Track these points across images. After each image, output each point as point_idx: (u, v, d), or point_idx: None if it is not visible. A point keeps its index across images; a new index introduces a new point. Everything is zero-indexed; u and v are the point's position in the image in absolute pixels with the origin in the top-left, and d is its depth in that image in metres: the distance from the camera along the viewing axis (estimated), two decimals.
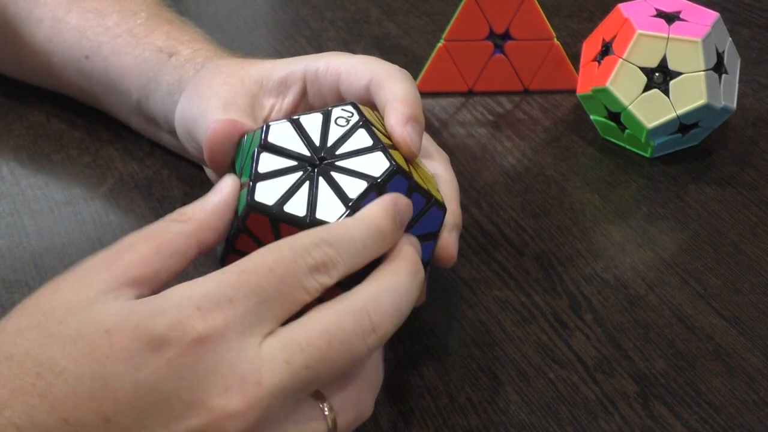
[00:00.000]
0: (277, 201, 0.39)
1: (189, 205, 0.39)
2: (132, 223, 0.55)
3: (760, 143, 0.64)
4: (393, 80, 0.45)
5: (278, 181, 0.39)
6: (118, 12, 0.58)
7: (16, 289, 0.50)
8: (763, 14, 0.80)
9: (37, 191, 0.57)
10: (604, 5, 0.79)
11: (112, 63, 0.57)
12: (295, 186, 0.39)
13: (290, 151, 0.40)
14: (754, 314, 0.49)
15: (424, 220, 0.41)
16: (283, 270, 0.35)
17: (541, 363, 0.46)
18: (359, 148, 0.40)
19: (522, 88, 0.69)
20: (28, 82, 0.65)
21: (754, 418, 0.43)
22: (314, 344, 0.35)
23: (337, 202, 0.39)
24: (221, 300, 0.34)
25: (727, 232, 0.55)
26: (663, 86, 0.58)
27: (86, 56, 0.58)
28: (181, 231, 0.38)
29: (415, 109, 0.44)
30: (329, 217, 0.38)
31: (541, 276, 0.52)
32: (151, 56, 0.55)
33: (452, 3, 0.76)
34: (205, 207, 0.39)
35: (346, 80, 0.47)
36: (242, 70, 0.51)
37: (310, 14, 0.80)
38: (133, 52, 0.56)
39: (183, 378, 0.33)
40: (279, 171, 0.40)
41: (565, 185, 0.59)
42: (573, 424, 0.43)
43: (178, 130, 0.52)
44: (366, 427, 0.43)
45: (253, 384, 0.34)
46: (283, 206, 0.39)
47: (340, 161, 0.40)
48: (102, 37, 0.58)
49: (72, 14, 0.59)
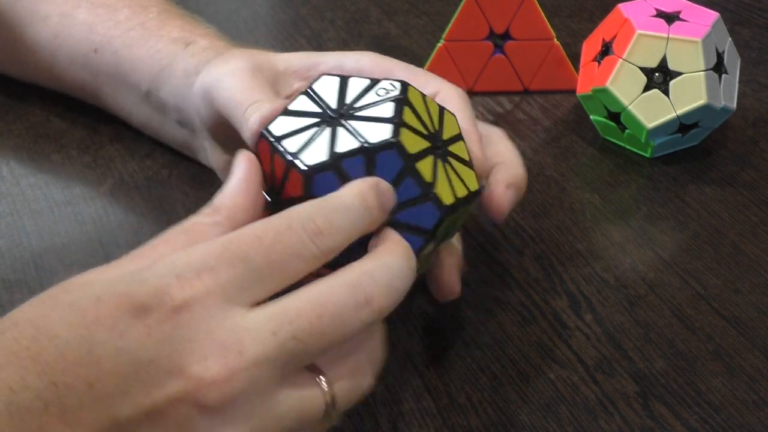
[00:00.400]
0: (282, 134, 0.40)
1: (216, 197, 0.39)
2: (132, 223, 0.55)
3: (760, 143, 0.64)
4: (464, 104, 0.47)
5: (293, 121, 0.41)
6: (129, 7, 0.59)
7: (16, 289, 0.50)
8: (763, 14, 0.80)
9: (37, 191, 0.57)
10: (604, 5, 0.79)
11: (122, 56, 0.57)
12: (303, 129, 0.40)
13: (322, 102, 0.41)
14: (754, 314, 0.49)
15: (412, 211, 0.40)
16: (273, 238, 0.35)
17: (541, 363, 0.46)
18: (376, 116, 0.40)
19: (522, 88, 0.69)
20: (28, 81, 0.65)
21: (754, 418, 0.44)
22: (304, 316, 0.34)
23: (325, 150, 0.39)
24: (202, 269, 0.34)
25: (727, 232, 0.55)
26: (663, 86, 0.58)
27: (95, 50, 0.58)
28: (213, 222, 0.38)
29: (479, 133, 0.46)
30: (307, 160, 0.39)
31: (541, 276, 0.52)
32: (165, 47, 0.56)
33: (452, 3, 0.76)
34: (230, 192, 0.39)
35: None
36: (269, 55, 0.51)
37: (310, 14, 0.80)
38: (146, 44, 0.56)
39: (162, 345, 0.33)
40: (300, 112, 0.41)
41: (565, 185, 0.59)
42: (573, 424, 0.43)
43: (194, 100, 0.52)
44: (366, 427, 0.43)
45: (234, 353, 0.33)
46: (282, 140, 0.40)
47: (351, 121, 0.40)
48: (113, 31, 0.58)
49: (80, 10, 0.59)
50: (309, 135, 0.40)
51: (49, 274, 0.51)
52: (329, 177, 0.39)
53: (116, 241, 0.53)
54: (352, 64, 0.49)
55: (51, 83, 0.63)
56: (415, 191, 0.40)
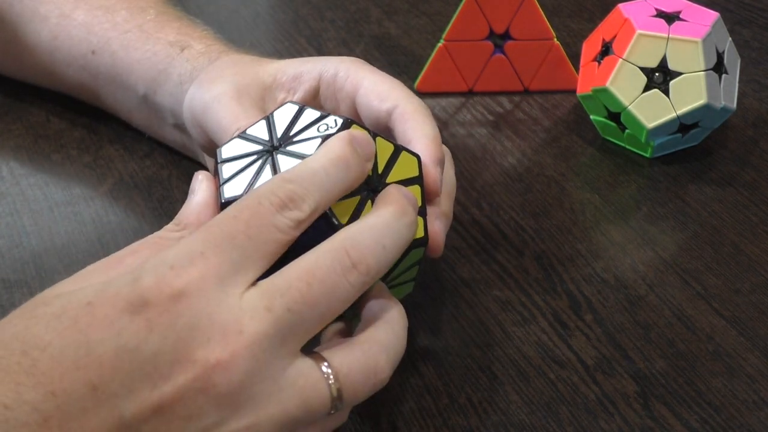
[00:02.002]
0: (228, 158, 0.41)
1: (180, 213, 0.41)
2: (132, 223, 0.55)
3: (760, 143, 0.64)
4: (422, 118, 0.46)
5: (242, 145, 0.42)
6: (127, 9, 0.59)
7: (16, 289, 0.50)
8: (763, 14, 0.80)
9: (37, 191, 0.57)
10: (604, 5, 0.79)
11: (120, 58, 0.57)
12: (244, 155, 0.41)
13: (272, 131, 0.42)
14: (754, 314, 0.49)
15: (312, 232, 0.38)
16: (248, 215, 0.35)
17: (541, 363, 0.46)
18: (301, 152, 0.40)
19: (522, 88, 0.69)
20: (27, 82, 0.65)
21: (754, 418, 0.44)
22: (294, 286, 0.35)
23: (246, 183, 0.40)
24: (193, 255, 0.34)
25: (727, 232, 0.55)
26: (663, 86, 0.58)
27: (93, 51, 0.58)
28: (180, 236, 0.39)
29: (441, 151, 0.45)
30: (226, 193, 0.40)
31: (541, 276, 0.52)
32: (162, 50, 0.56)
33: (452, 3, 0.76)
34: (194, 210, 0.40)
35: (366, 96, 0.48)
36: (258, 65, 0.52)
37: (310, 14, 0.80)
38: (143, 46, 0.57)
39: (164, 336, 0.33)
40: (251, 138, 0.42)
41: (565, 185, 0.59)
42: (573, 424, 0.43)
43: (186, 116, 0.53)
44: (366, 427, 0.43)
45: (234, 333, 0.34)
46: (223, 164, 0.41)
47: (280, 155, 0.40)
48: (110, 33, 0.58)
49: (79, 11, 0.59)
50: (244, 164, 0.41)
51: (49, 274, 0.51)
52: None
53: (116, 241, 0.53)
54: (330, 72, 0.50)
55: (51, 84, 0.63)
56: (325, 233, 0.37)
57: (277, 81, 0.51)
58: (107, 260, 0.38)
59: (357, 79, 0.49)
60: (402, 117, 0.46)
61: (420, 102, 0.47)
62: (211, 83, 0.51)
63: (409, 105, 0.47)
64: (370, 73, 0.49)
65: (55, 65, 0.61)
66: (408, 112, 0.46)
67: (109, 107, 0.61)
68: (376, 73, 0.49)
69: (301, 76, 0.50)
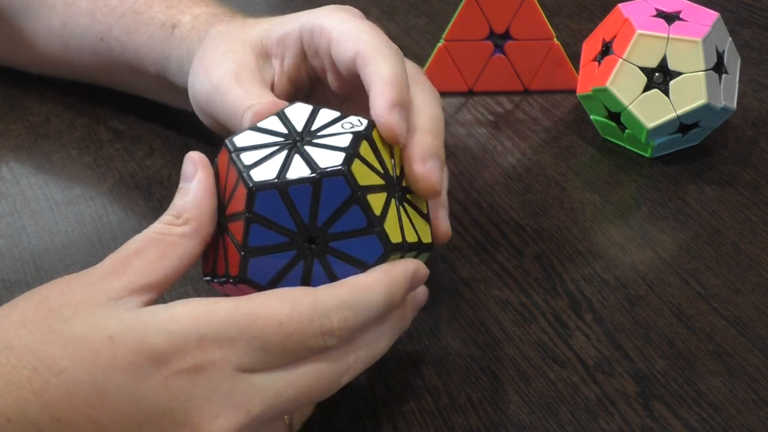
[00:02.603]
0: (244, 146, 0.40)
1: (179, 203, 0.39)
2: (132, 223, 0.55)
3: (760, 143, 0.64)
4: (380, 58, 0.43)
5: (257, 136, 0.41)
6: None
7: (16, 289, 0.50)
8: (763, 14, 0.80)
9: (37, 191, 0.57)
10: (604, 5, 0.79)
11: (124, 43, 0.57)
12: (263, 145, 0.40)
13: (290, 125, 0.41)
14: (754, 314, 0.49)
15: (354, 242, 0.39)
16: (294, 328, 0.36)
17: (541, 363, 0.46)
18: (333, 144, 0.40)
19: (522, 88, 0.69)
20: (43, 73, 0.64)
21: (754, 418, 0.43)
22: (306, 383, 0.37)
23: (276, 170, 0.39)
24: (224, 338, 0.35)
25: (727, 232, 0.55)
26: (663, 86, 0.58)
27: (101, 38, 0.58)
28: (183, 233, 0.38)
29: (402, 93, 0.42)
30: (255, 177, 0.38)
31: (541, 276, 0.52)
32: (156, 32, 0.55)
33: (452, 3, 0.76)
34: (196, 201, 0.39)
35: (336, 48, 0.45)
36: (243, 33, 0.50)
37: None
38: (139, 29, 0.56)
39: (178, 399, 0.34)
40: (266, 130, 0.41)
41: (565, 185, 0.59)
42: (573, 424, 0.43)
43: (194, 106, 0.52)
44: (366, 426, 0.43)
45: (243, 412, 0.35)
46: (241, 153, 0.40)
47: (308, 146, 0.40)
48: (110, 19, 0.58)
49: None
50: (266, 153, 0.40)
51: (49, 274, 0.51)
52: (273, 197, 0.38)
53: (116, 241, 0.53)
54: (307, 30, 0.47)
55: (66, 71, 0.63)
56: (361, 222, 0.39)
57: (265, 47, 0.49)
58: (114, 262, 0.37)
59: (328, 31, 0.46)
60: (363, 61, 0.43)
61: (383, 40, 0.44)
62: (207, 72, 0.50)
63: (369, 48, 0.43)
64: (341, 22, 0.45)
65: (68, 52, 0.61)
66: (369, 56, 0.43)
67: (125, 89, 0.61)
68: (347, 21, 0.45)
69: (284, 40, 0.48)
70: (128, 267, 0.37)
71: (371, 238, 0.39)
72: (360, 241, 0.39)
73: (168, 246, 0.38)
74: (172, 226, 0.38)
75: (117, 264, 0.37)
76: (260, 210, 0.38)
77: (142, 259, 0.37)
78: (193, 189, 0.39)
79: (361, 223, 0.39)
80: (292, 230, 0.39)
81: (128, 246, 0.38)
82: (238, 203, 0.39)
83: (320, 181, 0.38)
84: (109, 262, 0.37)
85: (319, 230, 0.39)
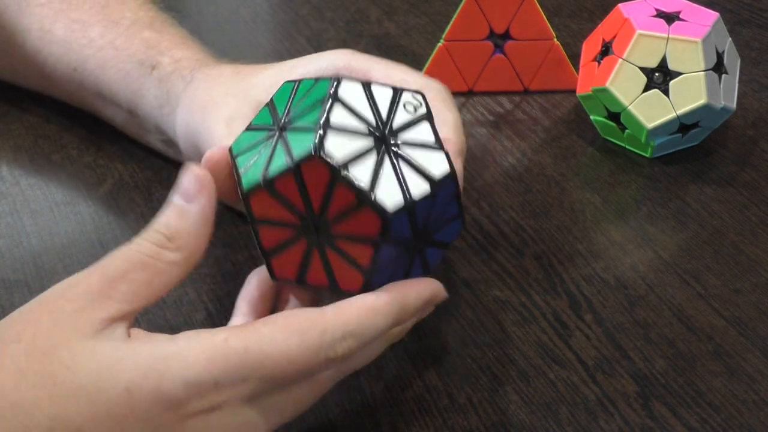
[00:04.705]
0: (345, 160, 0.37)
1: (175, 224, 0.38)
2: (132, 223, 0.55)
3: (760, 143, 0.64)
4: (443, 103, 0.46)
5: (347, 141, 0.38)
6: (101, 21, 0.58)
7: (16, 289, 0.50)
8: (763, 14, 0.80)
9: (37, 191, 0.57)
10: (604, 5, 0.79)
11: (98, 76, 0.57)
12: (362, 153, 0.38)
13: (361, 115, 0.39)
14: (754, 314, 0.49)
15: (448, 229, 0.41)
16: (303, 362, 0.36)
17: (541, 363, 0.46)
18: (423, 141, 0.40)
19: (522, 88, 0.69)
20: (26, 88, 0.65)
21: (754, 418, 0.43)
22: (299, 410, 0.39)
23: (397, 192, 0.38)
24: (237, 379, 0.35)
25: (727, 232, 0.55)
26: (663, 86, 0.58)
27: (74, 69, 0.58)
28: (174, 261, 0.37)
29: (463, 139, 0.45)
30: (387, 202, 0.37)
31: (541, 276, 0.52)
32: (134, 70, 0.55)
33: (452, 3, 0.76)
34: (191, 230, 0.38)
35: None
36: (243, 81, 0.50)
37: (310, 14, 0.80)
38: (116, 65, 0.56)
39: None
40: (349, 130, 0.38)
41: (565, 185, 0.59)
42: (573, 424, 0.43)
43: (183, 145, 0.52)
44: (366, 427, 0.43)
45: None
46: (349, 167, 0.37)
47: (406, 149, 0.39)
48: (87, 50, 0.57)
49: (58, 24, 0.58)
50: (371, 165, 0.38)
51: (49, 274, 0.51)
52: (403, 218, 0.38)
53: (116, 241, 0.53)
54: (329, 71, 0.48)
55: (46, 92, 0.63)
56: (454, 211, 0.41)
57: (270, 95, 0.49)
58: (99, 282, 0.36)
59: (363, 70, 0.48)
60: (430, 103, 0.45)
61: (438, 84, 0.47)
62: (202, 112, 0.49)
63: (429, 90, 0.46)
64: (374, 62, 0.48)
65: (44, 76, 0.60)
66: (429, 98, 0.44)
67: (100, 117, 0.61)
68: (378, 60, 0.49)
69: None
70: (114, 291, 0.36)
71: (458, 222, 0.41)
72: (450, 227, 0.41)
73: (156, 273, 0.37)
74: (164, 250, 0.37)
75: (104, 286, 0.36)
76: (393, 234, 0.38)
77: (128, 283, 0.36)
78: (194, 215, 0.38)
79: (456, 210, 0.41)
80: (413, 243, 0.40)
81: (115, 263, 0.37)
82: (358, 224, 0.38)
83: (437, 191, 0.39)
84: (95, 281, 0.36)
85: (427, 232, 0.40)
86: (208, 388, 0.35)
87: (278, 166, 0.38)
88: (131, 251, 0.37)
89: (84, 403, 0.33)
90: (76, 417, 0.33)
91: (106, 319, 0.35)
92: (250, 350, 0.35)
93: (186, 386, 0.34)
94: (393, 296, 0.38)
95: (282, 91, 0.41)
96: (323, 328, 0.36)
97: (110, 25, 0.57)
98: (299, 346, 0.36)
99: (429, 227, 0.40)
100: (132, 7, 0.59)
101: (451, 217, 0.41)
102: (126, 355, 0.34)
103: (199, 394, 0.35)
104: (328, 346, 0.36)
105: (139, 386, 0.34)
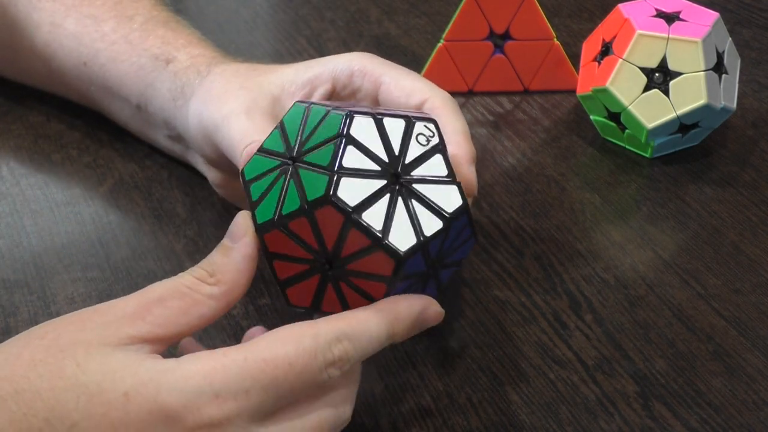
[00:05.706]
0: (358, 204, 0.38)
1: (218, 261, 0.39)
2: (132, 223, 0.55)
3: (760, 143, 0.64)
4: (452, 113, 0.46)
5: (359, 183, 0.38)
6: (115, 17, 0.58)
7: (16, 290, 0.50)
8: (763, 14, 0.80)
9: (37, 191, 0.57)
10: (604, 5, 0.79)
11: (109, 70, 0.57)
12: (375, 194, 0.38)
13: (374, 154, 0.39)
14: (754, 314, 0.49)
15: (462, 249, 0.42)
16: (302, 365, 0.36)
17: (541, 363, 0.46)
18: (435, 176, 0.40)
19: (522, 88, 0.69)
20: (28, 85, 0.65)
21: (754, 418, 0.44)
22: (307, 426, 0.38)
23: (410, 233, 0.38)
24: (239, 391, 0.35)
25: (727, 232, 0.55)
26: (663, 86, 0.58)
27: (84, 63, 0.58)
28: (211, 294, 0.38)
29: (473, 146, 0.46)
30: (400, 244, 0.38)
31: (541, 276, 0.52)
32: (148, 63, 0.55)
33: (452, 3, 0.76)
34: (235, 270, 0.39)
35: (390, 93, 0.48)
36: (259, 76, 0.51)
37: (310, 14, 0.80)
38: (129, 59, 0.56)
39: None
40: (361, 172, 0.38)
41: (565, 185, 0.59)
42: (573, 424, 0.43)
43: (194, 135, 0.52)
44: (366, 427, 0.43)
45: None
46: (362, 212, 0.38)
47: (419, 185, 0.39)
48: (98, 44, 0.57)
49: (70, 19, 0.59)
50: (384, 207, 0.38)
51: (49, 274, 0.51)
52: (418, 259, 0.39)
53: (116, 241, 0.53)
54: (345, 73, 0.49)
55: (50, 88, 0.63)
56: (467, 234, 0.41)
57: (285, 91, 0.50)
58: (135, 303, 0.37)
59: (375, 75, 0.48)
60: (432, 113, 0.45)
61: (446, 94, 0.47)
62: (219, 102, 0.50)
63: (437, 99, 0.47)
64: (388, 68, 0.49)
65: (51, 72, 0.60)
66: (437, 107, 0.46)
67: (105, 114, 0.61)
68: (392, 66, 0.49)
69: (313, 82, 0.50)
70: (148, 314, 0.36)
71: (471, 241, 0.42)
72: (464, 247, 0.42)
73: (192, 303, 0.37)
74: (203, 283, 0.38)
75: (139, 308, 0.37)
76: (406, 271, 0.39)
77: (164, 309, 0.37)
78: (237, 253, 0.39)
79: (469, 233, 0.41)
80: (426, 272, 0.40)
81: (154, 289, 0.37)
82: (371, 264, 0.38)
83: (450, 225, 0.39)
84: (132, 304, 0.37)
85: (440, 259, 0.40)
86: (207, 400, 0.34)
87: (292, 207, 0.38)
88: (172, 281, 0.38)
89: (83, 401, 0.33)
90: (73, 413, 0.33)
91: (134, 337, 0.36)
92: (249, 359, 0.35)
93: (183, 396, 0.34)
94: (383, 304, 0.39)
95: (293, 113, 0.41)
96: (316, 332, 0.37)
97: (124, 21, 0.58)
98: (296, 349, 0.36)
99: (442, 255, 0.41)
100: (146, 5, 0.59)
101: (463, 241, 0.41)
102: (132, 364, 0.35)
103: (198, 407, 0.34)
104: (324, 348, 0.36)
105: (137, 393, 0.34)
